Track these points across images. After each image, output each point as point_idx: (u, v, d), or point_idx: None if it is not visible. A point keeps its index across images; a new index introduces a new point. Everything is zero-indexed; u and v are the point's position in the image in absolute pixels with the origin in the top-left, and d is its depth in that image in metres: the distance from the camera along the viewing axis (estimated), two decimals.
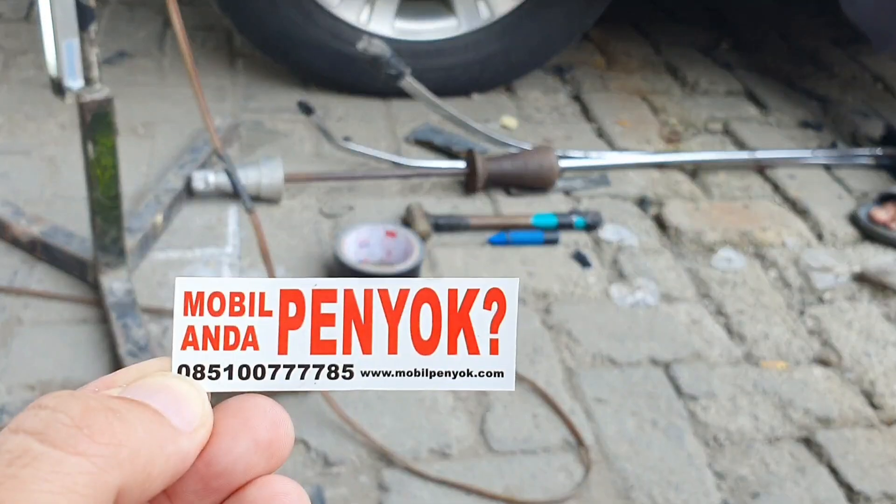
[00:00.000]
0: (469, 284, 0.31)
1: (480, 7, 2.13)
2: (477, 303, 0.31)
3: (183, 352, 0.30)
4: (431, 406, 1.34)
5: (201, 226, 1.69)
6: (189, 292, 0.30)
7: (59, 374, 1.34)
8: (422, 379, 0.31)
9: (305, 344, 0.30)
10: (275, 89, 2.18)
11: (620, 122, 2.21)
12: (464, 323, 0.31)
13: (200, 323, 0.30)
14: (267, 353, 0.30)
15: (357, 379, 0.31)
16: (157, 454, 0.26)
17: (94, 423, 0.25)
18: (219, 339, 0.30)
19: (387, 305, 0.31)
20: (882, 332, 1.61)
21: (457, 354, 0.31)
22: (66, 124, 1.94)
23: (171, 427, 0.27)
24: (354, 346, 0.30)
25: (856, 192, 2.02)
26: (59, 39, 1.23)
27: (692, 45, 2.64)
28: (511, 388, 0.31)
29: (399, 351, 0.31)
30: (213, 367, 0.30)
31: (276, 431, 0.28)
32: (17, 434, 0.24)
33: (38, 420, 0.24)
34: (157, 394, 0.28)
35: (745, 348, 1.54)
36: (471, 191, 1.85)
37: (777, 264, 1.76)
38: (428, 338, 0.31)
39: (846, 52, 2.70)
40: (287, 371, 0.30)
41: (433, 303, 0.31)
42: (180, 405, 0.27)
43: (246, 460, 0.28)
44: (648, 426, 1.36)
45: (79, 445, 0.24)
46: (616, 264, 1.71)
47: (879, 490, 1.30)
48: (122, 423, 0.25)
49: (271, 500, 0.28)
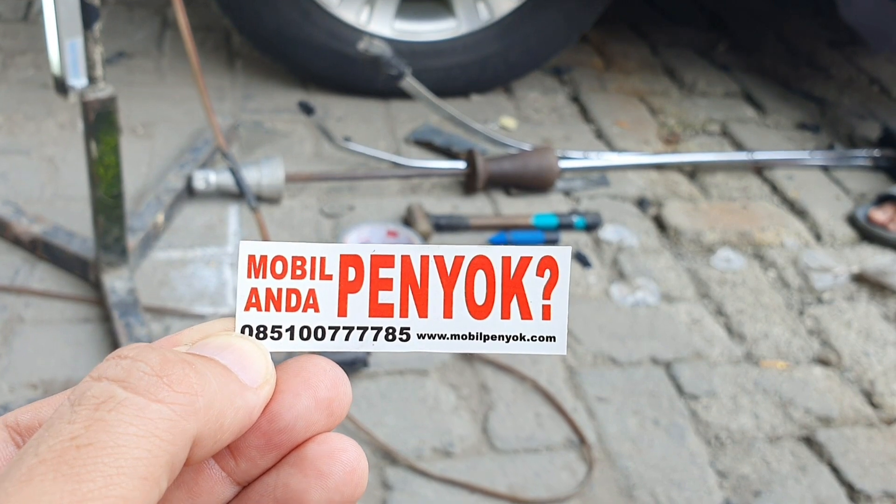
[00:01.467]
0: (522, 252, 0.31)
1: (480, 8, 2.14)
2: (530, 270, 0.31)
3: (246, 313, 0.31)
4: (434, 405, 1.35)
5: (202, 225, 1.69)
6: (252, 255, 0.31)
7: (62, 372, 1.33)
8: (476, 342, 0.31)
9: (364, 307, 0.31)
10: (274, 89, 2.18)
11: (619, 123, 2.22)
12: (517, 289, 0.31)
13: (263, 285, 0.31)
14: (327, 315, 0.31)
15: (413, 341, 0.31)
16: (228, 406, 0.27)
17: (172, 373, 0.26)
18: (281, 301, 0.31)
19: (442, 271, 0.31)
20: (881, 332, 1.62)
21: (510, 319, 0.31)
22: (65, 124, 1.94)
23: (239, 382, 0.27)
24: (411, 310, 0.31)
25: (853, 192, 2.03)
26: (63, 38, 1.23)
27: (690, 46, 2.65)
28: (563, 352, 0.31)
29: (454, 315, 0.31)
30: (275, 328, 0.31)
31: (335, 390, 0.29)
32: (101, 381, 0.25)
33: (120, 368, 0.25)
34: (223, 351, 0.28)
35: (746, 348, 1.55)
36: (471, 191, 1.86)
37: (776, 264, 1.76)
38: (482, 303, 0.31)
39: (843, 53, 2.72)
40: (346, 333, 0.31)
41: (487, 269, 0.31)
42: (246, 363, 0.28)
43: (307, 417, 0.29)
44: (650, 425, 1.37)
45: (159, 393, 0.25)
46: (616, 264, 1.72)
47: (880, 488, 1.31)
48: (197, 375, 0.26)
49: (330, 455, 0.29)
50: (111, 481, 0.23)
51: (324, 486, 0.28)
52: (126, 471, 0.23)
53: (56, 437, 0.23)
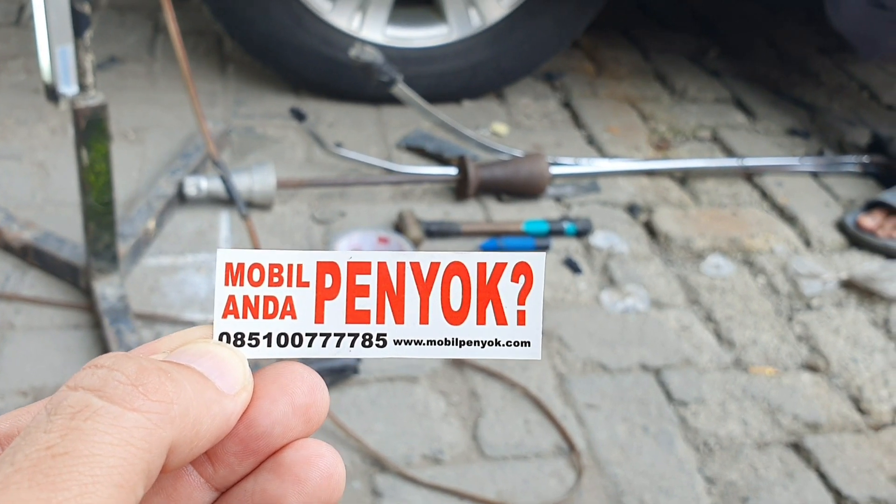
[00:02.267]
0: (497, 258, 0.32)
1: (472, 15, 2.15)
2: (505, 275, 0.32)
3: (224, 320, 0.31)
4: (424, 412, 1.35)
5: (193, 231, 1.69)
6: (230, 263, 0.31)
7: (52, 379, 1.33)
8: (452, 347, 0.32)
9: (341, 313, 0.32)
10: (266, 95, 2.18)
11: (610, 129, 2.23)
12: (492, 295, 0.32)
13: (241, 292, 0.31)
14: (304, 322, 0.31)
15: (390, 347, 0.32)
16: (204, 413, 0.27)
17: (147, 381, 0.26)
18: (258, 308, 0.31)
19: (418, 277, 0.32)
20: (869, 339, 1.63)
21: (485, 325, 0.32)
22: (56, 129, 1.94)
23: (216, 389, 0.28)
24: (388, 316, 0.32)
25: (843, 199, 2.04)
26: (54, 46, 1.23)
27: (681, 52, 2.66)
28: (538, 357, 0.32)
29: (430, 321, 0.32)
30: (253, 335, 0.31)
31: (313, 396, 0.29)
32: (77, 391, 0.25)
33: (96, 378, 0.26)
34: (200, 359, 0.29)
35: (734, 354, 1.56)
36: (462, 197, 1.86)
37: (765, 271, 1.77)
38: (458, 308, 0.32)
39: (833, 60, 2.73)
40: (323, 339, 0.32)
41: (463, 275, 0.32)
42: (223, 370, 0.29)
43: (284, 423, 0.29)
44: (639, 431, 1.37)
45: (135, 402, 0.25)
46: (606, 271, 1.72)
47: (867, 494, 1.32)
48: (172, 383, 0.26)
49: (307, 461, 0.29)
50: (86, 489, 0.23)
51: (301, 491, 0.29)
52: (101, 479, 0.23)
53: (32, 445, 0.24)
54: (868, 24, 2.00)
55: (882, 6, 1.93)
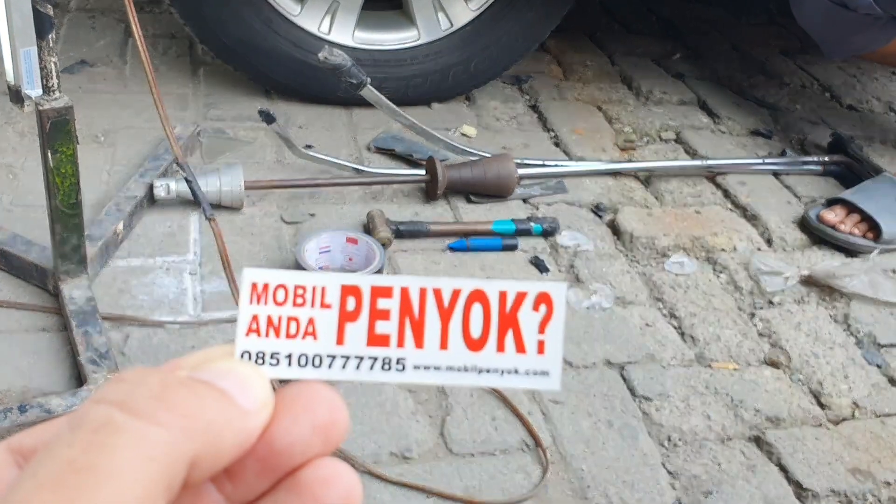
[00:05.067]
0: (519, 287, 0.32)
1: (440, 18, 2.17)
2: (525, 305, 0.32)
3: (247, 338, 0.32)
4: (392, 410, 1.37)
5: (163, 233, 1.69)
6: (255, 283, 0.32)
7: (19, 382, 1.33)
8: (470, 374, 0.32)
9: (362, 336, 0.32)
10: (237, 97, 2.19)
11: (576, 131, 2.26)
12: (513, 323, 0.32)
13: (264, 312, 0.32)
14: (325, 343, 0.32)
15: (409, 372, 0.32)
16: (226, 430, 0.27)
17: (171, 396, 0.27)
18: (281, 328, 0.32)
19: (440, 303, 0.32)
20: (829, 334, 1.67)
21: (504, 353, 0.32)
22: (24, 131, 1.94)
23: (238, 406, 0.28)
24: (408, 341, 0.32)
25: (804, 198, 2.08)
26: (17, 48, 1.23)
27: (646, 55, 2.70)
28: (557, 387, 0.32)
29: (450, 347, 0.32)
30: (275, 355, 0.32)
31: (333, 416, 0.30)
32: (101, 405, 0.26)
33: (120, 392, 0.26)
34: (223, 376, 0.29)
35: (697, 350, 1.59)
36: (431, 198, 1.88)
37: (728, 268, 1.81)
38: (478, 336, 0.32)
39: (795, 61, 2.78)
40: (344, 361, 0.32)
41: (484, 303, 0.32)
42: (245, 387, 0.29)
43: (304, 442, 0.29)
44: (604, 427, 1.40)
45: (158, 416, 0.26)
46: (573, 269, 1.75)
47: (827, 487, 1.35)
48: (196, 399, 0.27)
49: (326, 480, 0.29)
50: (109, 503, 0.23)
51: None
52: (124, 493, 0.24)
53: (55, 460, 0.24)
54: (832, 22, 2.05)
55: (845, 6, 1.97)
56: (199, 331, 1.47)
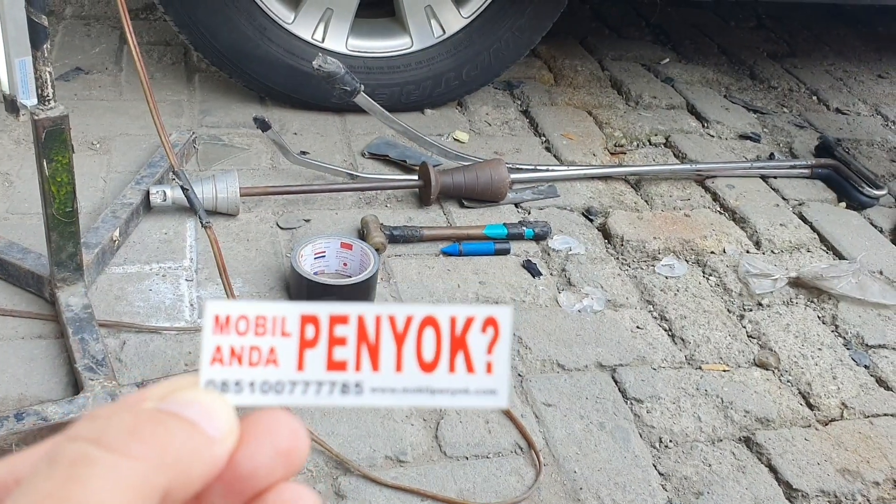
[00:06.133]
0: (467, 312, 0.34)
1: (433, 26, 2.19)
2: (474, 328, 0.34)
3: (211, 367, 0.33)
4: (387, 414, 1.38)
5: (159, 240, 1.71)
6: (218, 315, 0.33)
7: (15, 390, 1.34)
8: (424, 395, 0.34)
9: (321, 362, 0.33)
10: (231, 104, 2.20)
11: (567, 136, 2.28)
12: (462, 346, 0.34)
13: (227, 342, 0.33)
14: (286, 370, 0.33)
15: (367, 394, 0.34)
16: (196, 458, 0.29)
17: (142, 430, 0.28)
18: (243, 357, 0.33)
19: (394, 329, 0.34)
20: (817, 335, 1.69)
21: (455, 373, 0.34)
22: (20, 139, 1.95)
23: (205, 435, 0.30)
24: (364, 365, 0.33)
25: (792, 201, 2.11)
26: (12, 57, 1.25)
27: (635, 60, 2.72)
28: (504, 405, 0.34)
29: (404, 370, 0.34)
30: (238, 382, 0.33)
31: (295, 441, 0.31)
32: (76, 441, 0.28)
33: (93, 428, 0.28)
34: (189, 406, 0.31)
35: (688, 352, 1.61)
36: (425, 203, 1.90)
37: (717, 271, 1.83)
38: (430, 359, 0.34)
39: (783, 65, 2.81)
40: (304, 387, 0.33)
41: (436, 327, 0.34)
42: (211, 416, 0.31)
43: (267, 466, 0.31)
44: (596, 429, 1.42)
45: (131, 450, 0.27)
46: (564, 273, 1.77)
47: (816, 487, 1.37)
48: (166, 431, 0.29)
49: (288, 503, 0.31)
50: None
51: None
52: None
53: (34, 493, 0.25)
54: None
55: None
56: (195, 337, 1.48)
